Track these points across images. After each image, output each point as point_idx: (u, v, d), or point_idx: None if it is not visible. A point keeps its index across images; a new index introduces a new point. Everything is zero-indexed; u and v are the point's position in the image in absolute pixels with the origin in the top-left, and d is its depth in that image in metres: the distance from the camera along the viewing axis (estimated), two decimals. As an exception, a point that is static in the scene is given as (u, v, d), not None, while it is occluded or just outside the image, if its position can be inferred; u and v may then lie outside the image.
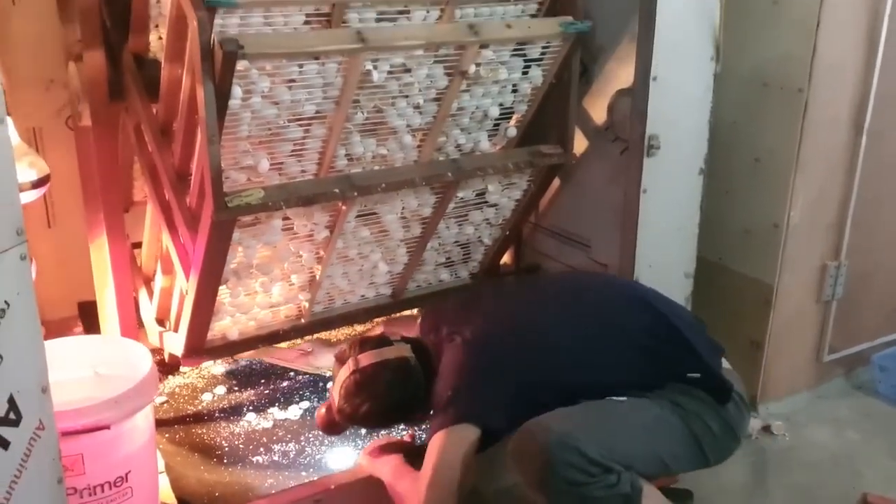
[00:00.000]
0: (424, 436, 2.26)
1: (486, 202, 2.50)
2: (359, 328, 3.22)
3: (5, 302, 1.49)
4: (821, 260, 2.73)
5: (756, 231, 2.66)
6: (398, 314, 2.86)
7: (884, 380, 2.87)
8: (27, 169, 1.93)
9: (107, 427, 1.94)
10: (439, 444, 1.91)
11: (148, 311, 2.66)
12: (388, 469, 2.13)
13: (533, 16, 2.32)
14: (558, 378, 1.95)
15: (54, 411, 1.66)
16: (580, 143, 2.72)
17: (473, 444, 1.90)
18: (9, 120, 1.48)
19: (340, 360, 2.17)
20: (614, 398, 1.90)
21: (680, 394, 1.94)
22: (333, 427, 2.23)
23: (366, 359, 2.11)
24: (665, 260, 2.51)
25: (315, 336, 2.76)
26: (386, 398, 2.10)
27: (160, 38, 2.36)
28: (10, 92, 2.03)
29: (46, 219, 3.07)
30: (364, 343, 2.17)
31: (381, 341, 2.16)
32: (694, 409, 1.93)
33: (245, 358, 2.88)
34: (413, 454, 2.15)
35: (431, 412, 2.03)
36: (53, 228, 3.07)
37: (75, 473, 1.95)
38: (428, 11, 2.15)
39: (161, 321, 2.60)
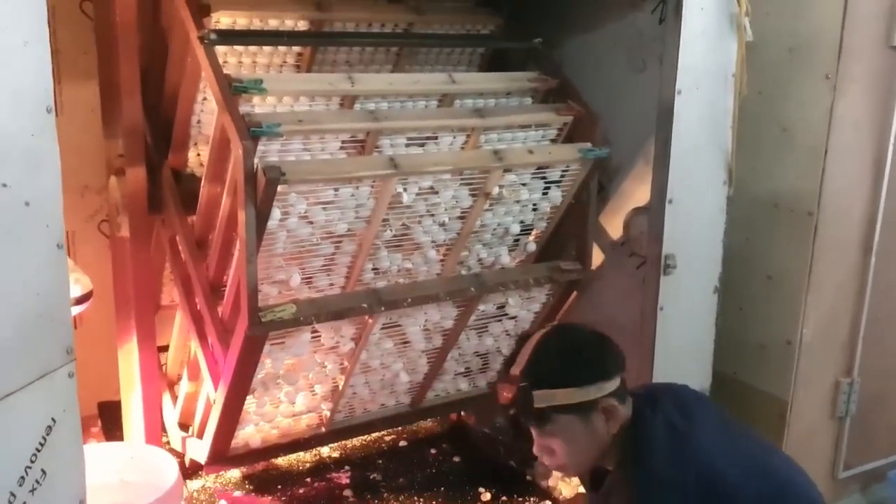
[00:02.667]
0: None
1: (506, 314, 2.57)
2: (375, 434, 3.26)
3: (52, 419, 1.55)
4: (834, 377, 2.77)
5: (770, 346, 2.72)
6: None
7: (900, 497, 2.88)
8: (73, 285, 2.01)
9: (133, 537, 1.97)
10: None
11: (171, 414, 2.70)
12: None
13: (553, 140, 2.44)
14: None
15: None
16: (597, 257, 2.80)
17: None
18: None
19: None
20: None
21: None
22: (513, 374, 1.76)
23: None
24: (681, 375, 2.54)
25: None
26: (582, 344, 1.76)
27: (198, 154, 2.49)
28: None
29: (73, 320, 3.13)
30: None
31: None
32: None
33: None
34: None
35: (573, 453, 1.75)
36: (79, 329, 3.13)
37: (100, 582, 1.98)
38: (455, 136, 2.27)
39: (184, 426, 2.64)
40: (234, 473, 2.98)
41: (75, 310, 2.04)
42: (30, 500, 1.51)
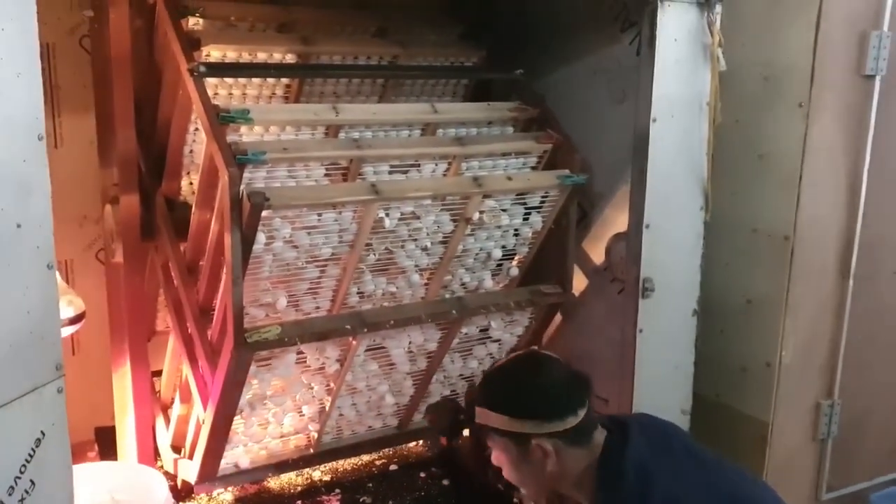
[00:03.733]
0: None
1: (490, 337, 2.63)
2: (365, 458, 3.30)
3: (41, 432, 1.61)
4: (815, 399, 2.82)
5: (751, 369, 2.77)
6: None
7: (883, 519, 2.91)
8: (65, 307, 2.09)
9: (122, 553, 2.03)
10: None
11: (164, 437, 2.76)
12: None
13: (533, 168, 2.52)
14: None
15: (74, 537, 1.75)
16: (580, 283, 2.87)
17: None
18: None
19: None
20: None
21: None
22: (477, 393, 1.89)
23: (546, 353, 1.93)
24: (662, 396, 2.61)
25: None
26: (550, 377, 1.79)
27: (191, 183, 2.57)
28: (47, 227, 2.23)
29: (71, 346, 3.21)
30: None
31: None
32: None
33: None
34: None
35: (523, 477, 1.81)
36: (77, 356, 3.20)
37: None
38: (437, 164, 2.35)
39: (177, 448, 2.70)
40: (227, 496, 3.02)
41: (69, 330, 2.10)
42: (17, 511, 1.57)
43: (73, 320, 2.08)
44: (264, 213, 2.03)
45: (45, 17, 2.87)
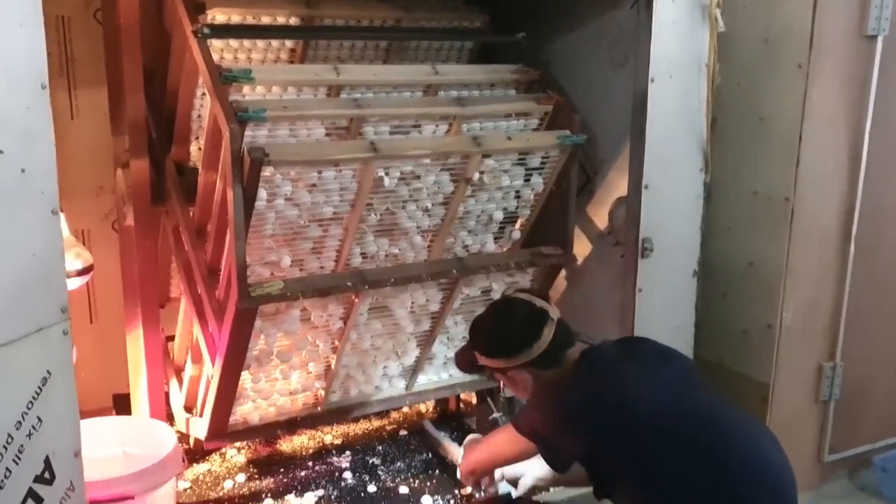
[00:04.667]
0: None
1: (492, 300, 2.67)
2: (375, 422, 3.37)
3: (48, 371, 1.69)
4: (817, 361, 2.84)
5: (752, 332, 2.80)
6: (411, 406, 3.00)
7: (886, 481, 2.92)
8: (73, 259, 2.16)
9: (131, 497, 2.10)
10: (505, 439, 2.14)
11: (177, 399, 2.83)
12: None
13: (535, 130, 2.55)
14: (637, 480, 1.86)
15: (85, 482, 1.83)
16: (584, 248, 2.91)
17: (528, 454, 2.09)
18: (61, 214, 1.72)
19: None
20: None
21: None
22: (461, 352, 2.28)
23: (519, 295, 2.18)
24: (663, 357, 2.64)
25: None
26: (507, 322, 2.09)
27: (199, 148, 2.63)
28: (64, 197, 2.28)
29: (89, 315, 3.30)
30: (526, 289, 2.41)
31: (541, 294, 2.19)
32: None
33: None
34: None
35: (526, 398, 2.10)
36: (95, 324, 3.29)
37: (100, 542, 2.10)
38: (437, 126, 2.40)
39: (189, 408, 2.77)
40: (240, 458, 3.10)
41: (77, 282, 2.18)
42: (26, 444, 1.65)
43: (82, 272, 2.16)
44: (266, 172, 2.09)
45: (59, -10, 2.96)
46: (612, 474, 1.92)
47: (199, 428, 2.59)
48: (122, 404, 3.01)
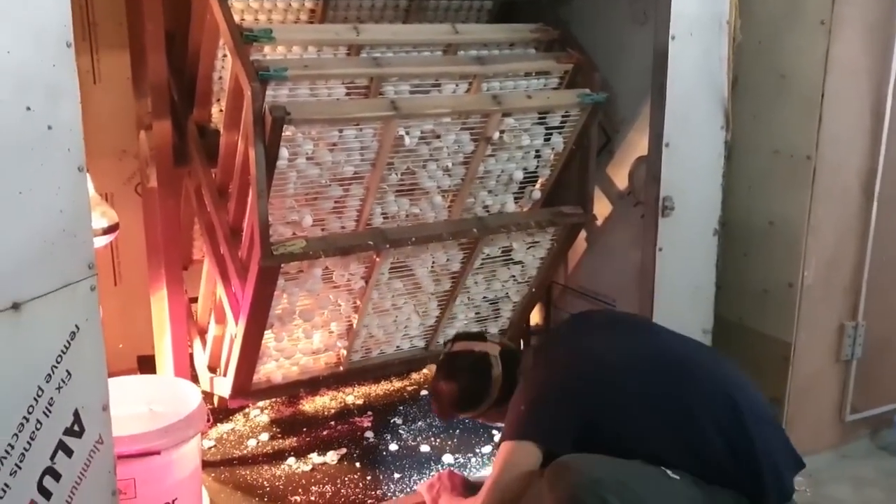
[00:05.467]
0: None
1: (512, 260, 2.69)
2: (397, 384, 3.41)
3: (76, 326, 1.72)
4: (838, 320, 2.83)
5: (773, 291, 2.79)
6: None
7: (907, 441, 2.93)
8: (99, 217, 2.19)
9: (157, 453, 2.14)
10: (504, 456, 2.08)
11: (201, 359, 2.87)
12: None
13: (555, 88, 2.54)
14: (624, 432, 1.99)
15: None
16: (605, 208, 2.91)
17: (535, 464, 2.03)
18: (87, 173, 1.74)
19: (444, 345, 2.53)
20: (669, 472, 1.92)
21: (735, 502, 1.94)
22: (435, 408, 2.47)
23: (456, 346, 2.38)
24: (684, 315, 2.65)
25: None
26: (459, 382, 2.31)
27: (220, 110, 2.65)
28: (88, 160, 2.30)
29: (114, 277, 3.34)
30: (462, 335, 2.47)
31: (477, 336, 2.43)
32: None
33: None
34: (470, 489, 2.37)
35: (506, 418, 2.18)
36: (119, 286, 3.34)
37: (127, 497, 2.15)
38: (457, 84, 2.40)
39: (213, 368, 2.82)
40: (263, 418, 3.15)
41: (103, 240, 2.21)
42: (56, 397, 1.68)
43: (107, 230, 2.19)
44: (287, 132, 2.10)
45: (81, -46, 2.96)
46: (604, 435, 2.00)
47: (224, 387, 2.63)
48: (146, 365, 3.06)
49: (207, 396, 2.74)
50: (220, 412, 3.07)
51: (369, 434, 3.04)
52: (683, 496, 1.91)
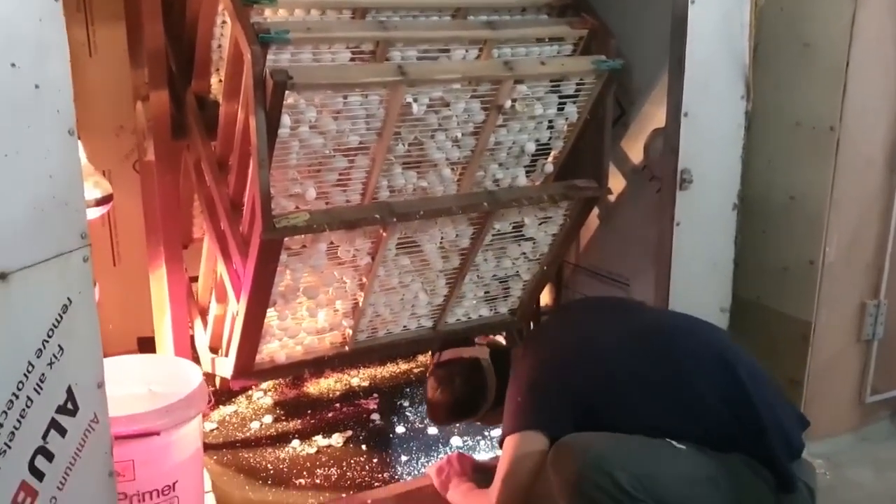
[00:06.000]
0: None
1: (523, 236, 2.59)
2: (403, 366, 3.33)
3: (68, 298, 1.63)
4: (860, 298, 2.74)
5: (793, 268, 2.70)
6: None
7: (930, 423, 2.84)
8: (92, 188, 2.10)
9: (157, 433, 2.06)
10: (510, 450, 2.05)
11: (202, 340, 2.79)
12: (460, 492, 2.29)
13: (568, 56, 2.44)
14: (622, 409, 1.98)
15: (110, 418, 1.78)
16: (619, 183, 2.81)
17: (542, 452, 1.99)
18: (78, 141, 1.65)
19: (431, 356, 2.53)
20: (674, 443, 1.91)
21: (744, 465, 1.91)
22: (430, 415, 2.53)
23: (444, 355, 2.40)
24: (701, 293, 2.56)
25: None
26: (453, 391, 2.35)
27: (220, 80, 2.55)
28: (83, 136, 2.22)
29: (112, 258, 3.26)
30: (448, 343, 2.47)
31: (464, 342, 2.45)
32: (750, 485, 1.90)
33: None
34: (479, 471, 2.38)
35: (504, 414, 2.18)
36: (118, 267, 3.26)
37: (126, 479, 2.06)
38: (467, 51, 2.29)
39: (214, 349, 2.73)
40: (267, 400, 3.07)
41: (96, 212, 2.12)
42: (47, 373, 1.60)
43: (101, 201, 2.10)
44: (289, 97, 2.00)
45: (77, -75, 2.86)
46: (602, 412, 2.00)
47: (225, 367, 2.54)
48: (147, 347, 2.99)
49: (209, 378, 2.66)
50: (223, 394, 3.00)
51: (375, 416, 2.97)
52: (692, 463, 1.88)
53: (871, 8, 2.47)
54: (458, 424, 2.81)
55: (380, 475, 2.59)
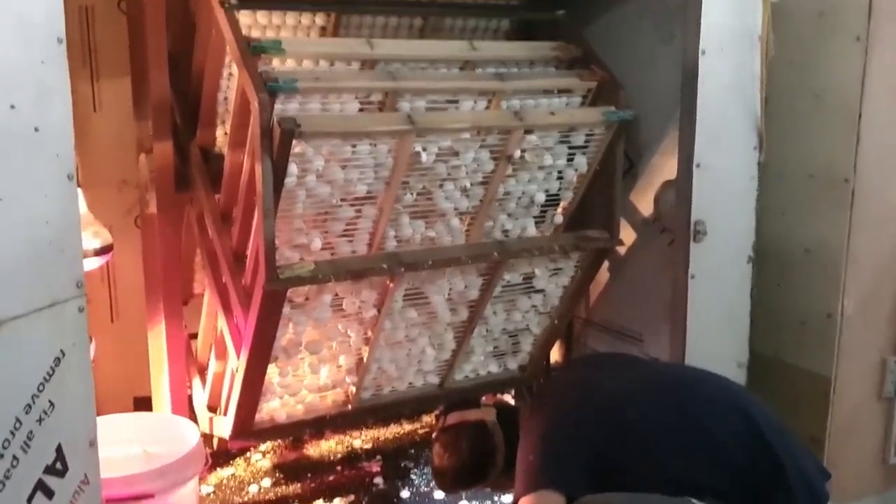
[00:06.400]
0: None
1: (534, 288, 2.53)
2: (407, 426, 3.22)
3: (61, 351, 1.55)
4: (879, 354, 2.65)
5: (810, 322, 2.62)
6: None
7: (956, 485, 2.73)
8: (91, 238, 2.05)
9: (151, 496, 1.97)
10: None
11: (200, 398, 2.70)
12: None
13: (578, 107, 2.41)
14: (642, 462, 1.90)
15: (102, 480, 1.69)
16: (629, 236, 2.75)
17: None
18: (78, 189, 1.59)
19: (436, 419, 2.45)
20: (693, 501, 1.82)
21: None
22: (438, 483, 2.42)
23: (449, 419, 2.29)
24: (717, 348, 2.48)
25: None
26: (460, 456, 2.24)
27: (225, 133, 2.51)
28: (86, 190, 2.18)
29: (110, 314, 3.18)
30: (452, 405, 2.35)
31: (468, 404, 2.33)
32: None
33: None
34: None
35: (516, 475, 2.05)
36: (116, 323, 3.18)
37: (120, 544, 1.96)
38: (476, 102, 2.26)
39: (212, 408, 2.64)
40: (265, 463, 2.97)
41: (95, 262, 2.07)
42: (36, 430, 1.51)
43: (100, 251, 2.04)
44: (296, 146, 1.96)
45: (83, -21, 2.87)
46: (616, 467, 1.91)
47: (224, 426, 2.45)
48: (143, 407, 2.89)
49: (207, 439, 2.57)
50: (220, 456, 2.90)
51: (378, 480, 2.86)
52: None
53: (881, 58, 2.44)
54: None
55: (384, 540, 2.48)
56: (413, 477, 2.88)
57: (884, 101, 2.47)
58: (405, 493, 2.79)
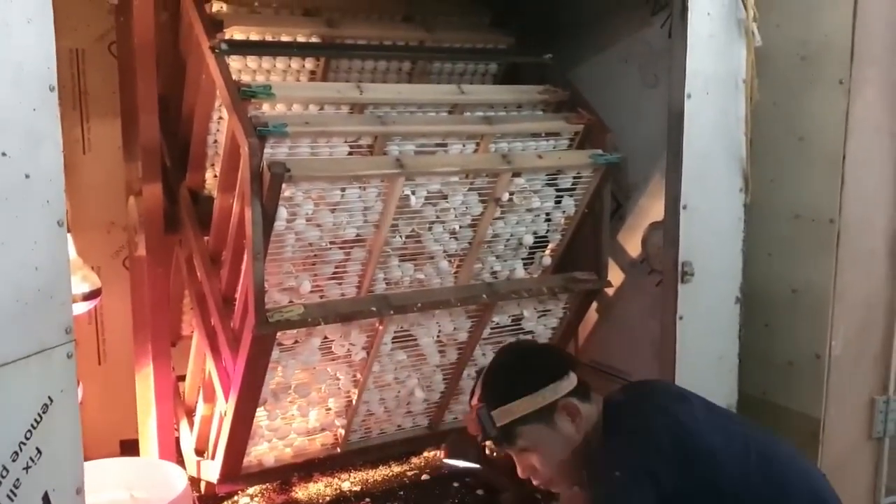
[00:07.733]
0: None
1: (523, 329, 2.53)
2: (396, 468, 3.19)
3: (49, 398, 1.54)
4: (868, 393, 2.66)
5: (798, 363, 2.63)
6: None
7: (948, 525, 2.72)
8: (80, 282, 2.04)
9: (138, 544, 1.94)
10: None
11: (188, 442, 2.68)
12: None
13: (565, 150, 2.43)
14: None
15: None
16: (617, 277, 2.77)
17: None
18: (68, 234, 1.59)
19: None
20: None
21: None
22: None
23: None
24: (706, 390, 2.45)
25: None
26: (529, 359, 1.92)
27: (215, 176, 2.52)
28: (74, 232, 2.17)
29: (98, 356, 3.16)
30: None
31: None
32: None
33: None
34: None
35: (557, 464, 1.85)
36: (103, 366, 3.16)
37: None
38: (464, 145, 2.28)
39: (200, 451, 2.62)
40: (255, 509, 2.92)
41: (83, 307, 2.06)
42: (23, 478, 1.50)
43: (88, 296, 2.03)
44: (286, 190, 1.97)
45: (74, 24, 2.92)
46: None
47: (211, 470, 2.43)
48: (130, 450, 2.86)
49: (194, 482, 2.54)
50: (208, 500, 2.85)
51: (368, 523, 2.82)
52: None
53: (864, 100, 2.48)
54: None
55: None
56: (403, 520, 2.84)
57: (867, 142, 2.51)
58: (395, 536, 2.75)
